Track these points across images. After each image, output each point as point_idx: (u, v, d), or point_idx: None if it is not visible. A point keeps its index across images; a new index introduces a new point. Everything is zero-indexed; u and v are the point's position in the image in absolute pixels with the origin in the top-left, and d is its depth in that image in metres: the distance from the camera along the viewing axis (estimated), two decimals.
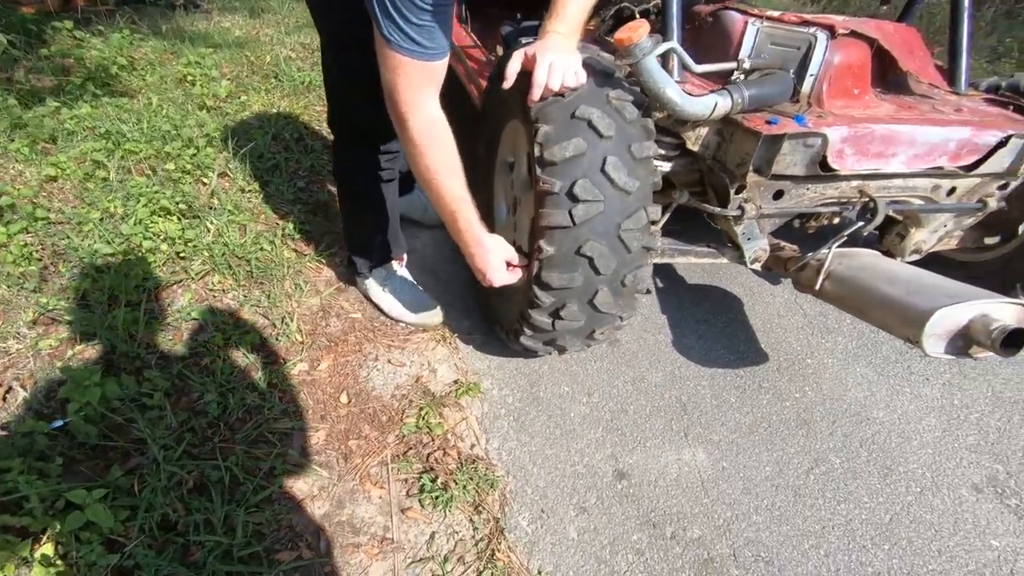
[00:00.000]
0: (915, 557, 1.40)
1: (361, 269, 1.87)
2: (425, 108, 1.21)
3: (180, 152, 2.34)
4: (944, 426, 1.76)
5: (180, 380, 1.52)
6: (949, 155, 1.56)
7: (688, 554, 1.36)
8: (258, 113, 2.88)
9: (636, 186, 1.28)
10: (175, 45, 3.53)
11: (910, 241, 1.82)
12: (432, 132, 1.23)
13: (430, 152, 1.24)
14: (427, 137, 1.23)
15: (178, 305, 1.74)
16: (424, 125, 1.22)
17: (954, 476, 1.61)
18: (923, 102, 1.71)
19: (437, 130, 1.23)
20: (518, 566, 1.28)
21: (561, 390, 1.74)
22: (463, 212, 1.31)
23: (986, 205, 1.71)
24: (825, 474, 1.58)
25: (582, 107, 1.27)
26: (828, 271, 1.57)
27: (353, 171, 1.71)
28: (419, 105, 1.19)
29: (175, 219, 1.99)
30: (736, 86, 1.40)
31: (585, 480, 1.50)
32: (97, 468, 1.27)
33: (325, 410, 1.56)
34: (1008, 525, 1.50)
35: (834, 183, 1.56)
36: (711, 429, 1.68)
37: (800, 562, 1.37)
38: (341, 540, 1.28)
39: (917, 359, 2.01)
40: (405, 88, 1.17)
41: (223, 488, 1.28)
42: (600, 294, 1.35)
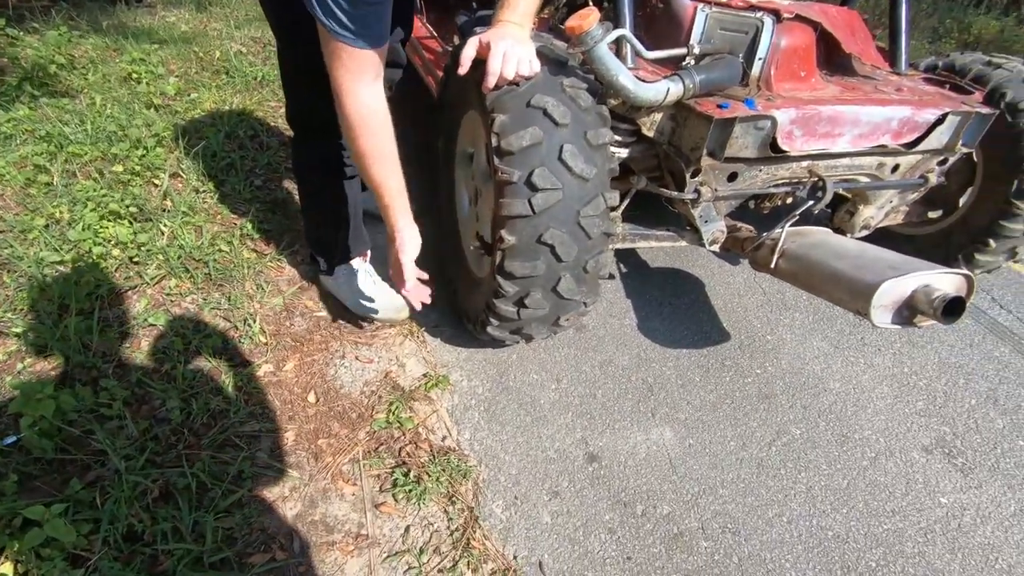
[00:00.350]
0: (871, 518, 1.47)
1: (324, 267, 1.84)
2: (361, 95, 1.22)
3: (128, 153, 2.26)
4: (895, 393, 1.85)
5: (140, 388, 1.48)
6: (892, 133, 1.63)
7: (659, 530, 1.40)
8: (209, 111, 2.79)
9: (593, 173, 1.29)
10: (117, 42, 3.39)
11: (859, 218, 1.89)
12: (366, 120, 1.25)
13: (362, 138, 1.26)
14: (361, 124, 1.25)
15: (134, 312, 1.69)
16: (359, 112, 1.23)
17: (905, 440, 1.69)
18: (866, 83, 1.78)
19: (372, 119, 1.25)
20: (494, 552, 1.30)
21: (530, 378, 1.76)
22: (385, 199, 1.35)
23: (927, 180, 1.79)
24: (786, 445, 1.64)
25: (537, 96, 1.28)
26: (782, 250, 1.62)
27: (312, 166, 1.69)
28: (355, 92, 1.21)
29: (126, 223, 1.92)
30: (687, 71, 1.43)
31: (557, 465, 1.52)
32: (55, 483, 1.23)
33: (293, 410, 1.54)
34: (955, 483, 1.58)
35: (785, 164, 1.61)
36: (677, 408, 1.72)
37: (765, 530, 1.42)
38: (315, 539, 1.27)
39: (869, 331, 2.09)
40: (342, 75, 1.18)
41: (190, 495, 1.26)
42: (563, 281, 1.36)
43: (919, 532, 1.45)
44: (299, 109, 1.61)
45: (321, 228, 1.79)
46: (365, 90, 1.21)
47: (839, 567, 1.36)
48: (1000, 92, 1.88)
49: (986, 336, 2.13)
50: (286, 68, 1.55)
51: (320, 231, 1.79)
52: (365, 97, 1.22)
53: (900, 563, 1.38)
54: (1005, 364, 2.01)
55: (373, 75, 1.21)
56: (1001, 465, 1.65)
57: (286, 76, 1.57)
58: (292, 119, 1.64)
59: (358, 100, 1.22)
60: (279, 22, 1.44)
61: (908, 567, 1.37)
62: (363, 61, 1.17)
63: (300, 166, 1.74)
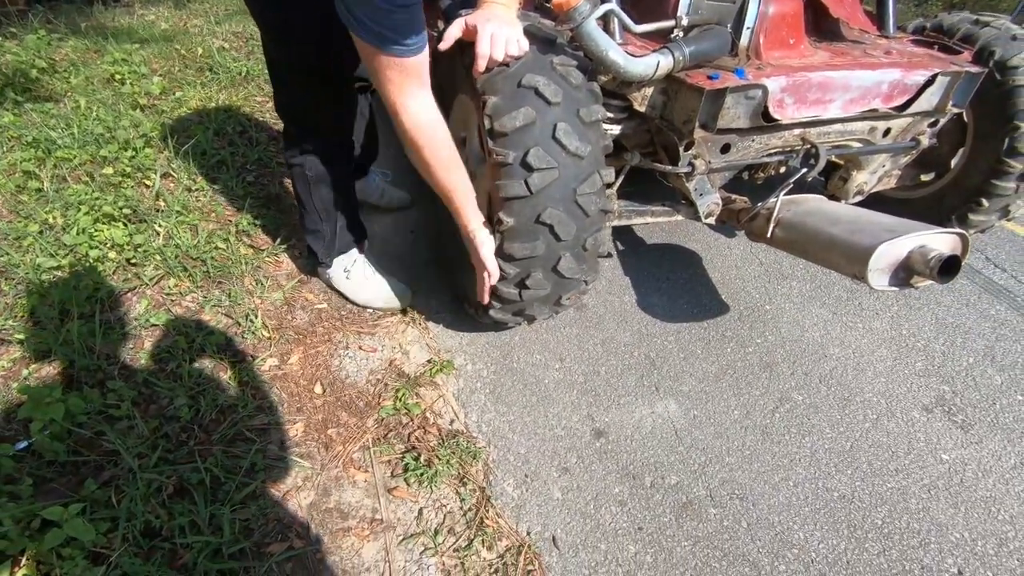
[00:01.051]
0: (875, 478, 1.50)
1: (322, 259, 1.84)
2: (413, 109, 1.20)
3: (117, 155, 2.24)
4: (895, 355, 1.87)
5: (147, 388, 1.49)
6: (882, 97, 1.63)
7: (668, 500, 1.42)
8: (196, 109, 2.77)
9: (588, 150, 1.29)
10: (97, 43, 3.35)
11: (852, 183, 1.90)
12: (424, 132, 1.23)
13: (425, 150, 1.25)
14: (420, 137, 1.23)
15: (135, 313, 1.69)
16: (416, 127, 1.22)
17: (906, 400, 1.72)
18: (855, 48, 1.77)
19: (429, 130, 1.24)
20: (507, 530, 1.32)
21: (534, 358, 1.78)
22: (456, 204, 1.35)
23: (919, 143, 1.80)
24: (789, 411, 1.67)
25: (528, 75, 1.27)
26: (777, 219, 1.63)
27: (305, 155, 1.68)
28: (407, 107, 1.19)
29: (120, 225, 1.91)
30: (676, 44, 1.42)
31: (564, 442, 1.54)
32: (70, 484, 1.24)
33: (300, 402, 1.55)
34: (956, 439, 1.61)
35: (777, 133, 1.61)
36: (680, 381, 1.74)
37: (772, 495, 1.45)
38: (331, 526, 1.29)
39: (867, 296, 2.11)
40: (391, 91, 1.16)
41: (205, 489, 1.27)
42: (563, 260, 1.37)
43: (922, 489, 1.48)
44: (290, 104, 1.60)
45: (317, 220, 1.78)
46: (416, 102, 1.19)
47: (845, 526, 1.39)
48: (988, 50, 1.88)
49: (981, 295, 2.16)
50: (276, 66, 1.54)
51: (316, 223, 1.79)
52: (418, 109, 1.20)
53: (905, 519, 1.41)
54: (1001, 322, 2.03)
55: (420, 83, 1.19)
56: (1000, 420, 1.67)
57: (275, 73, 1.56)
58: (282, 110, 1.63)
59: (412, 114, 1.20)
60: (267, 22, 1.42)
61: (913, 523, 1.40)
62: (409, 70, 1.14)
63: (293, 157, 1.73)
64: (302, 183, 1.75)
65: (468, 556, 1.26)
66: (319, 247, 1.82)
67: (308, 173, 1.70)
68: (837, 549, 1.34)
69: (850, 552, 1.33)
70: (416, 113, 1.20)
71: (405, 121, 1.20)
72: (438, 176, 1.30)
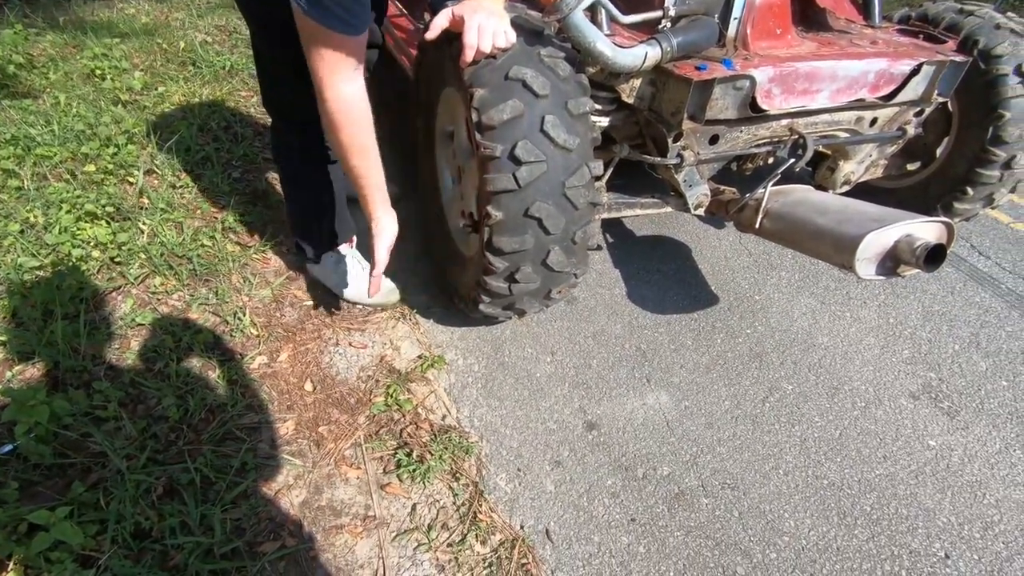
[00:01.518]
0: (864, 465, 1.52)
1: (311, 255, 1.83)
2: (342, 89, 1.19)
3: (99, 152, 2.20)
4: (882, 343, 1.89)
5: (134, 388, 1.47)
6: (868, 87, 1.63)
7: (660, 491, 1.43)
8: (179, 104, 2.72)
9: (577, 143, 1.29)
10: (76, 37, 3.28)
11: (840, 173, 1.91)
12: (347, 114, 1.23)
13: (343, 132, 1.25)
14: (342, 118, 1.23)
15: (120, 312, 1.67)
16: (340, 106, 1.21)
17: (893, 388, 1.74)
18: (841, 37, 1.78)
19: (353, 112, 1.23)
20: (501, 524, 1.32)
21: (525, 352, 1.78)
22: (364, 191, 1.36)
23: (905, 132, 1.81)
24: (779, 401, 1.68)
25: (515, 68, 1.26)
26: (766, 209, 1.64)
27: (292, 152, 1.65)
28: (336, 86, 1.18)
29: (104, 223, 1.88)
30: (664, 35, 1.42)
31: (557, 435, 1.54)
32: (57, 487, 1.22)
33: (291, 400, 1.54)
34: (942, 425, 1.63)
35: (765, 123, 1.61)
36: (671, 372, 1.75)
37: (763, 483, 1.46)
38: (323, 524, 1.28)
39: (854, 285, 2.13)
40: (321, 66, 1.15)
41: (195, 490, 1.26)
42: (552, 254, 1.37)
43: (910, 475, 1.50)
44: (278, 98, 1.57)
45: (305, 215, 1.76)
46: (346, 83, 1.19)
47: (835, 513, 1.40)
48: (973, 39, 1.89)
49: (967, 283, 2.18)
50: (262, 59, 1.51)
51: (304, 219, 1.77)
52: (347, 90, 1.19)
53: (893, 505, 1.42)
54: (986, 309, 2.06)
55: (355, 65, 1.18)
56: (985, 406, 1.70)
57: (262, 66, 1.53)
58: (269, 104, 1.61)
59: (339, 94, 1.19)
60: (253, 15, 1.40)
61: (901, 508, 1.42)
62: (345, 50, 1.13)
63: (280, 152, 1.70)
64: (289, 177, 1.72)
65: (462, 551, 1.26)
66: (307, 243, 1.80)
67: (295, 167, 1.68)
68: (827, 536, 1.35)
69: (840, 538, 1.35)
70: (346, 95, 1.20)
71: (332, 101, 1.20)
72: (352, 160, 1.30)
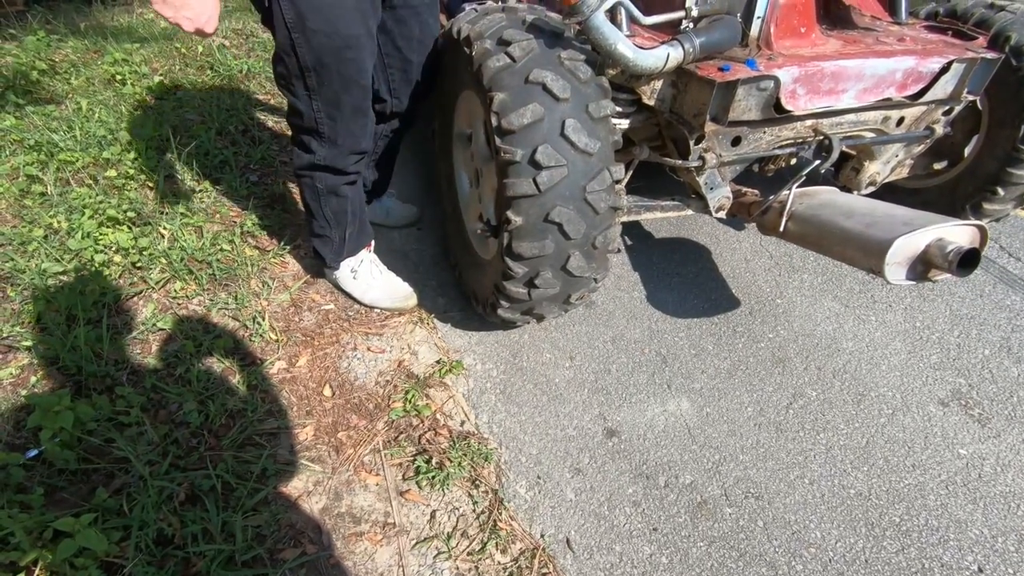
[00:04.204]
0: (892, 474, 1.48)
1: (330, 263, 1.82)
2: None
3: (120, 157, 2.23)
4: (909, 348, 1.85)
5: (155, 393, 1.48)
6: (896, 86, 1.59)
7: (682, 500, 1.41)
8: (198, 108, 2.74)
9: (598, 147, 1.27)
10: (97, 43, 3.32)
11: (865, 174, 1.87)
12: None
13: None
14: None
15: (142, 317, 1.68)
16: None
17: (921, 394, 1.69)
18: (867, 35, 1.73)
19: None
20: (520, 532, 1.31)
21: (543, 357, 1.76)
22: None
23: (933, 132, 1.76)
24: (803, 407, 1.64)
25: (535, 71, 1.25)
26: (790, 212, 1.60)
27: (315, 170, 1.63)
28: None
29: (125, 228, 1.90)
30: (686, 35, 1.39)
31: (577, 442, 1.53)
32: (81, 493, 1.23)
33: (310, 405, 1.54)
34: (973, 434, 1.59)
35: (789, 124, 1.58)
36: (692, 378, 1.72)
37: (788, 493, 1.43)
38: (343, 531, 1.28)
39: (879, 288, 2.08)
40: None
41: (216, 496, 1.26)
42: (572, 259, 1.35)
43: (940, 485, 1.46)
44: (299, 113, 1.53)
45: (325, 227, 1.75)
46: None
47: (863, 524, 1.37)
48: (1004, 36, 1.83)
49: (996, 285, 2.12)
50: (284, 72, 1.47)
51: (324, 229, 1.75)
52: None
53: (923, 517, 1.39)
54: (1017, 312, 2.00)
55: None
56: (1018, 413, 1.65)
57: (283, 80, 1.49)
58: (291, 120, 1.58)
59: None
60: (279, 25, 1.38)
61: (931, 520, 1.38)
62: None
63: (302, 169, 1.66)
64: (311, 193, 1.70)
65: (482, 560, 1.25)
66: (327, 251, 1.80)
67: (318, 185, 1.66)
68: (855, 548, 1.32)
69: (868, 550, 1.32)
70: None
71: None
72: None
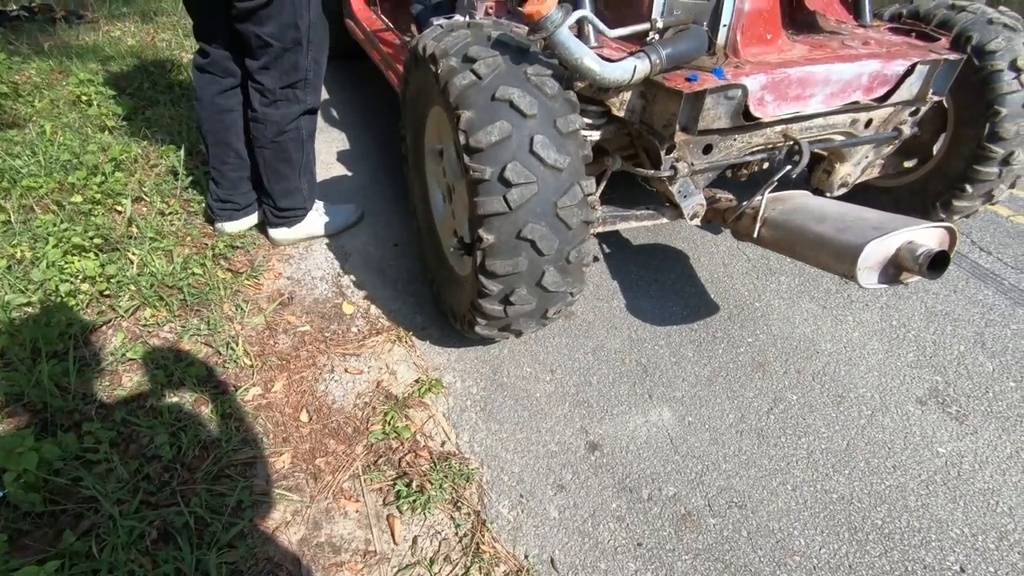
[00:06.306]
0: (873, 476, 1.49)
1: (299, 215, 2.10)
2: None
3: (86, 181, 2.18)
4: (886, 348, 1.86)
5: (125, 427, 1.44)
6: (862, 89, 1.61)
7: (666, 512, 1.40)
8: (167, 128, 2.70)
9: (567, 162, 1.26)
10: (62, 63, 3.26)
11: (836, 176, 1.88)
12: None
13: None
14: None
15: (111, 348, 1.64)
16: None
17: (899, 394, 1.71)
18: (833, 39, 1.75)
19: None
20: (504, 554, 1.29)
21: (524, 372, 1.75)
22: None
23: (901, 132, 1.78)
24: (784, 412, 1.65)
25: (501, 88, 1.24)
26: (763, 218, 1.61)
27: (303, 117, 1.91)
28: None
29: (92, 255, 1.86)
30: (652, 47, 1.39)
31: (559, 458, 1.51)
32: (48, 537, 1.19)
33: (287, 432, 1.51)
34: (951, 431, 1.60)
35: (759, 131, 1.58)
36: (673, 387, 1.72)
37: (771, 500, 1.43)
38: (323, 562, 1.25)
39: (855, 289, 2.10)
40: None
41: (190, 533, 1.23)
42: (547, 275, 1.34)
43: (920, 485, 1.47)
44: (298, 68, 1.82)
45: (296, 181, 2.02)
46: None
47: (846, 529, 1.37)
48: (966, 36, 1.86)
49: (969, 280, 2.15)
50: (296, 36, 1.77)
51: (295, 184, 2.02)
52: None
53: (905, 518, 1.39)
54: (989, 307, 2.03)
55: None
56: (994, 408, 1.67)
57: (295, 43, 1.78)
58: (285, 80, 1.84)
59: None
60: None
61: (912, 521, 1.39)
62: None
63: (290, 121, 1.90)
64: (295, 143, 1.94)
65: None
66: (298, 202, 2.06)
67: (304, 132, 1.94)
68: (839, 553, 1.32)
69: (852, 555, 1.32)
70: None
71: None
72: None
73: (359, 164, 2.74)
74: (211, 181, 2.04)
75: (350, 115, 3.18)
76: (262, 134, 1.89)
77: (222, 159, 1.97)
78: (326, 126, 3.06)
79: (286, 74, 1.81)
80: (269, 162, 1.95)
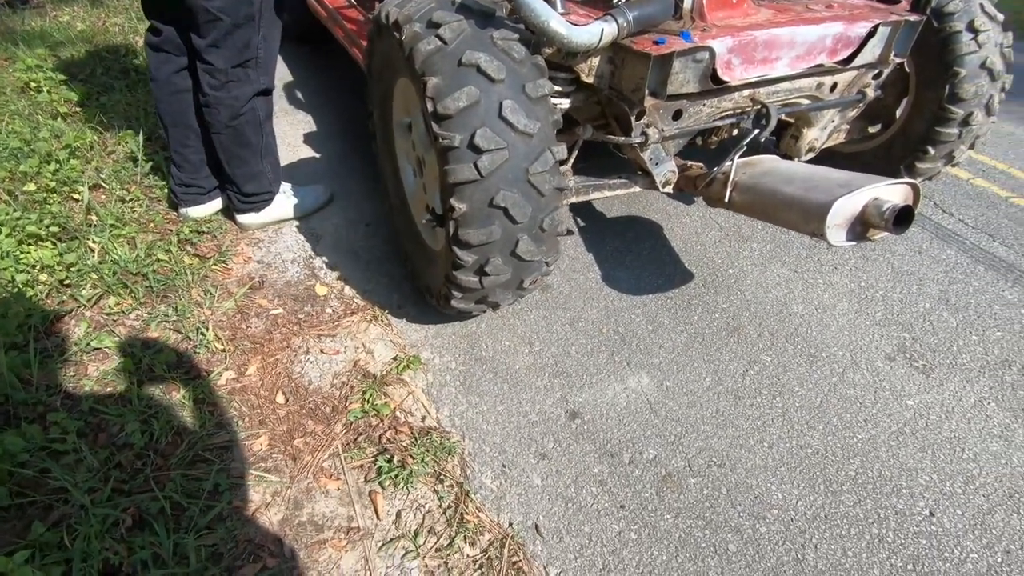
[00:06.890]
0: (846, 431, 1.53)
1: (266, 199, 2.05)
2: None
3: (39, 170, 2.08)
4: (855, 308, 1.91)
5: (93, 417, 1.39)
6: (827, 52, 1.62)
7: (647, 474, 1.42)
8: (123, 114, 2.60)
9: (537, 127, 1.25)
10: (7, 49, 3.10)
11: (804, 141, 1.91)
12: None
13: None
14: None
15: (75, 337, 1.59)
16: None
17: (869, 351, 1.75)
18: (797, 3, 1.76)
19: None
20: (488, 523, 1.30)
21: (502, 345, 1.74)
22: None
23: (865, 95, 1.80)
24: (759, 373, 1.68)
25: (468, 53, 1.21)
26: (734, 182, 1.62)
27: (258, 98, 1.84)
28: None
29: (49, 245, 1.79)
30: (619, 10, 1.37)
31: (540, 427, 1.52)
32: (16, 529, 1.15)
33: (263, 414, 1.48)
34: (918, 384, 1.65)
35: (727, 95, 1.59)
36: (651, 353, 1.73)
37: (748, 458, 1.46)
38: (305, 540, 1.24)
39: (825, 252, 2.14)
40: None
41: (166, 518, 1.20)
42: (521, 243, 1.33)
43: (891, 436, 1.51)
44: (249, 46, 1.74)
45: (259, 164, 1.95)
46: None
47: (821, 481, 1.41)
48: None
49: (932, 241, 2.21)
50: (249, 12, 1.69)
51: (258, 167, 1.96)
52: None
53: (877, 468, 1.43)
54: (952, 265, 2.09)
55: None
56: (958, 361, 1.72)
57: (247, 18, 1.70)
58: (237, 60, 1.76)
59: None
60: None
61: (884, 471, 1.43)
62: None
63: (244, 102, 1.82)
64: (253, 126, 1.87)
65: (451, 555, 1.23)
66: (263, 185, 2.00)
67: (260, 113, 1.87)
68: (815, 505, 1.36)
69: (827, 506, 1.36)
70: None
71: None
72: None
73: (326, 145, 2.68)
74: (173, 165, 1.96)
75: (316, 96, 3.10)
76: (216, 119, 1.80)
77: (182, 141, 1.90)
78: (291, 108, 2.99)
79: (237, 52, 1.72)
80: (227, 148, 1.87)
